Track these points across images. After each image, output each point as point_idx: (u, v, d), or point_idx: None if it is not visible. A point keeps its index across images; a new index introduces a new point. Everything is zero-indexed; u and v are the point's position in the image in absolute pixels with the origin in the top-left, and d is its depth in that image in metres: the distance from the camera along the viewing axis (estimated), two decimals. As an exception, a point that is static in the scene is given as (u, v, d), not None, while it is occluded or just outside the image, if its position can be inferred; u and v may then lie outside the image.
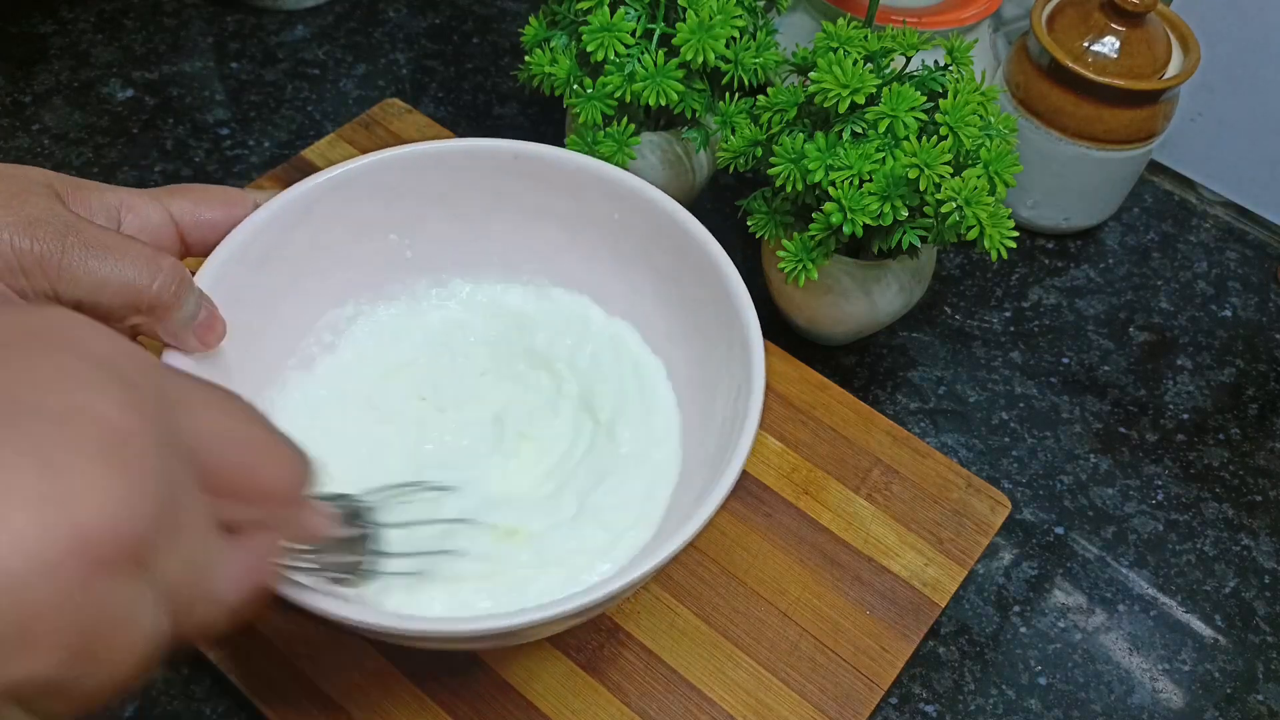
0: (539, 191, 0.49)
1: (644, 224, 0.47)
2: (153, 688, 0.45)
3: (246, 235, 0.43)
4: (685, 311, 0.47)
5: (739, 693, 0.45)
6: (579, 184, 0.48)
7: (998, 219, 0.45)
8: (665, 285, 0.48)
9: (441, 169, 0.48)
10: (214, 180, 0.64)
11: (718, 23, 0.50)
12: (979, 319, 0.62)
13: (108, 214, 0.38)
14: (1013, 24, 0.70)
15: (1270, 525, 0.54)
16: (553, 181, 0.48)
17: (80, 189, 0.38)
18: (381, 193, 0.48)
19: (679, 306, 0.48)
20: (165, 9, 0.73)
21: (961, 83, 0.48)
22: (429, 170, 0.48)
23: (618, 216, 0.48)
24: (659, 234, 0.47)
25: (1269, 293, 0.65)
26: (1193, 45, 0.60)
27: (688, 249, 0.46)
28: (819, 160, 0.47)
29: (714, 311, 0.45)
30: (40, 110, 0.66)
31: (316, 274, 0.47)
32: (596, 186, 0.48)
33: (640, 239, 0.48)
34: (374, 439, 0.47)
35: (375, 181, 0.47)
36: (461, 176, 0.48)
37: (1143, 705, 0.48)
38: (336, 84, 0.70)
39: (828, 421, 0.53)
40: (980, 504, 0.51)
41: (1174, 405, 0.59)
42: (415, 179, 0.48)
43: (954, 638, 0.50)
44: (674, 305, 0.48)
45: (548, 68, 0.53)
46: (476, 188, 0.49)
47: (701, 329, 0.46)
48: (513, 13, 0.76)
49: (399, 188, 0.48)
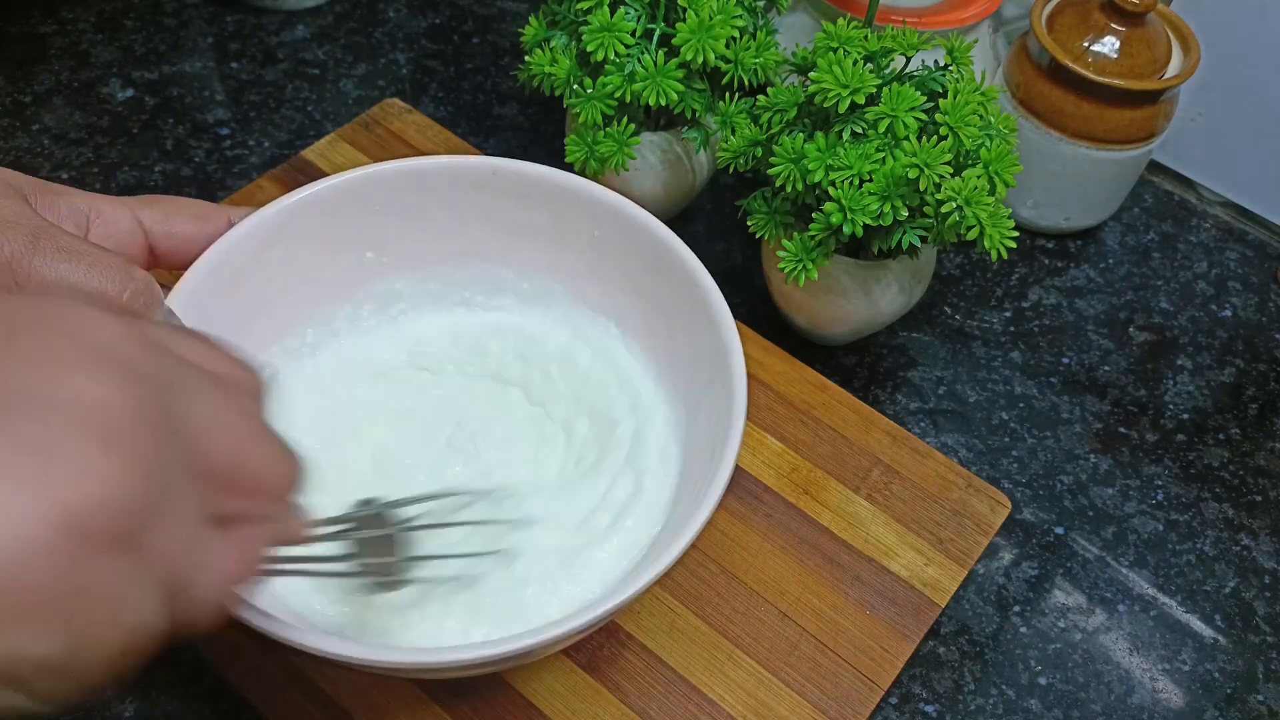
0: (518, 207, 0.48)
1: (622, 238, 0.47)
2: (153, 687, 0.45)
3: (220, 254, 0.42)
4: (665, 320, 0.47)
5: (739, 693, 0.45)
6: (558, 200, 0.48)
7: (998, 219, 0.45)
8: (644, 296, 0.48)
9: (420, 186, 0.48)
10: (214, 180, 0.64)
11: (718, 23, 0.50)
12: (979, 319, 0.62)
13: (76, 219, 0.38)
14: (1013, 24, 0.70)
15: (1270, 525, 0.54)
16: (531, 197, 0.48)
17: (48, 193, 0.37)
18: (358, 210, 0.47)
19: (659, 314, 0.48)
20: (165, 9, 0.73)
21: (961, 83, 0.48)
22: (406, 187, 0.47)
23: (597, 233, 0.48)
24: (638, 248, 0.47)
25: (1269, 293, 0.65)
26: (1193, 45, 0.60)
27: (668, 263, 0.46)
28: (819, 160, 0.47)
29: (691, 316, 0.45)
30: (40, 110, 0.66)
31: (291, 291, 0.47)
32: (576, 202, 0.47)
33: (620, 253, 0.48)
34: (353, 452, 0.47)
35: (352, 199, 0.47)
36: (440, 192, 0.48)
37: (1143, 705, 0.48)
38: (336, 84, 0.70)
39: (828, 421, 0.53)
40: (980, 504, 0.51)
41: (1174, 405, 0.59)
42: (392, 196, 0.47)
43: (954, 638, 0.50)
44: (654, 313, 0.48)
45: (548, 68, 0.53)
46: (455, 203, 0.48)
47: (681, 333, 0.46)
48: (513, 13, 0.76)
49: (375, 205, 0.47)
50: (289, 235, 0.45)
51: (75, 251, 0.35)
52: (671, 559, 0.36)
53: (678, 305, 0.46)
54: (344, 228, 0.47)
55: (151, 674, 0.46)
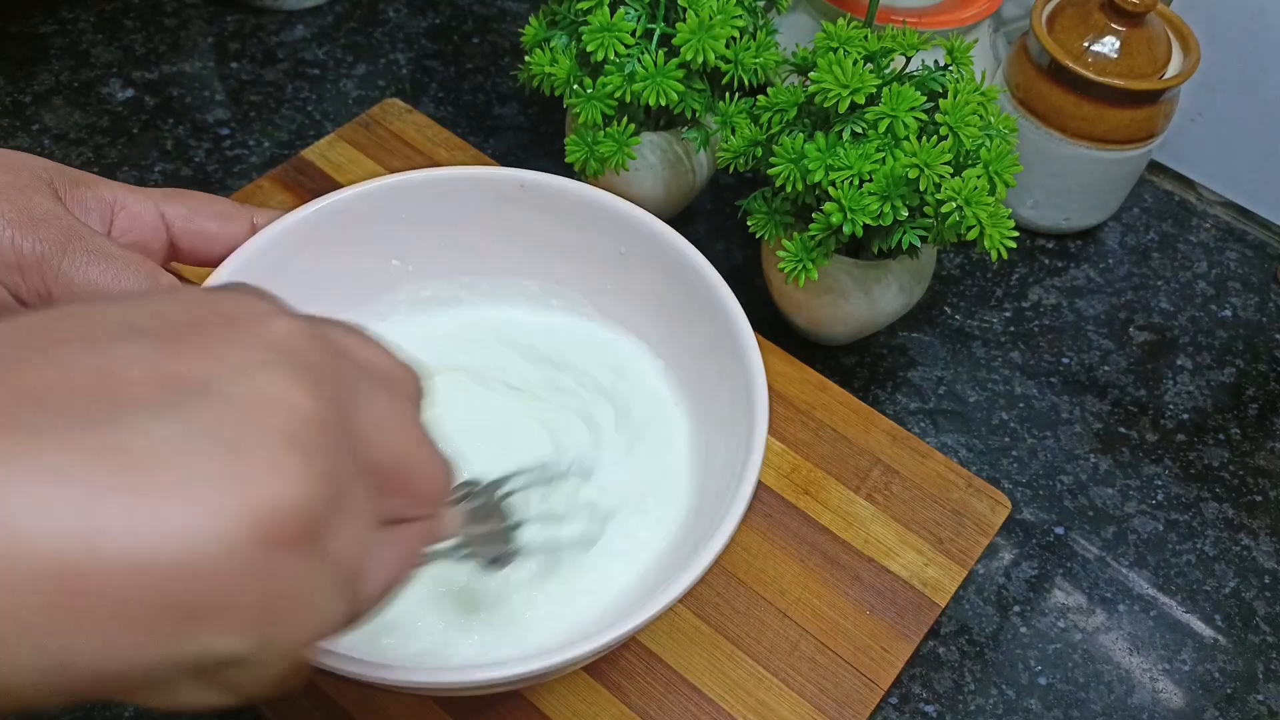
0: (544, 221, 0.48)
1: (649, 256, 0.47)
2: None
3: (245, 259, 0.42)
4: (689, 341, 0.47)
5: (739, 693, 0.45)
6: (586, 215, 0.48)
7: (998, 219, 0.45)
8: (669, 315, 0.48)
9: (447, 196, 0.48)
10: (214, 180, 0.64)
11: (718, 23, 0.50)
12: (979, 319, 0.62)
13: (101, 210, 0.38)
14: (1013, 24, 0.70)
15: (1270, 525, 0.54)
16: (558, 211, 0.48)
17: (78, 184, 0.38)
18: (384, 218, 0.47)
19: (683, 334, 0.48)
20: (165, 9, 0.73)
21: (961, 83, 0.48)
22: (433, 197, 0.48)
23: (624, 249, 0.48)
24: (665, 267, 0.47)
25: (1269, 293, 0.65)
26: (1193, 45, 0.60)
27: (694, 284, 0.45)
28: (819, 160, 0.47)
29: (717, 341, 0.45)
30: (40, 110, 0.66)
31: (316, 298, 0.47)
32: (604, 219, 0.47)
33: (647, 271, 0.48)
34: None
35: (378, 207, 0.47)
36: (467, 203, 0.48)
37: (1143, 705, 0.48)
38: (336, 84, 0.70)
39: (828, 421, 0.53)
40: (980, 504, 0.51)
41: (1174, 405, 0.59)
42: (419, 205, 0.48)
43: (954, 638, 0.50)
44: (678, 333, 0.48)
45: (548, 68, 0.53)
46: (482, 214, 0.49)
47: (708, 359, 0.46)
48: (513, 13, 0.76)
49: (401, 213, 0.48)
50: (316, 241, 0.46)
51: (104, 254, 0.35)
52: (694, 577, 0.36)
53: (703, 327, 0.45)
54: (370, 235, 0.48)
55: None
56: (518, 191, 0.47)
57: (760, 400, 0.41)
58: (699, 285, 0.45)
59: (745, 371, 0.42)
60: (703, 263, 0.45)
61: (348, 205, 0.46)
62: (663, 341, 0.49)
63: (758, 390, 0.41)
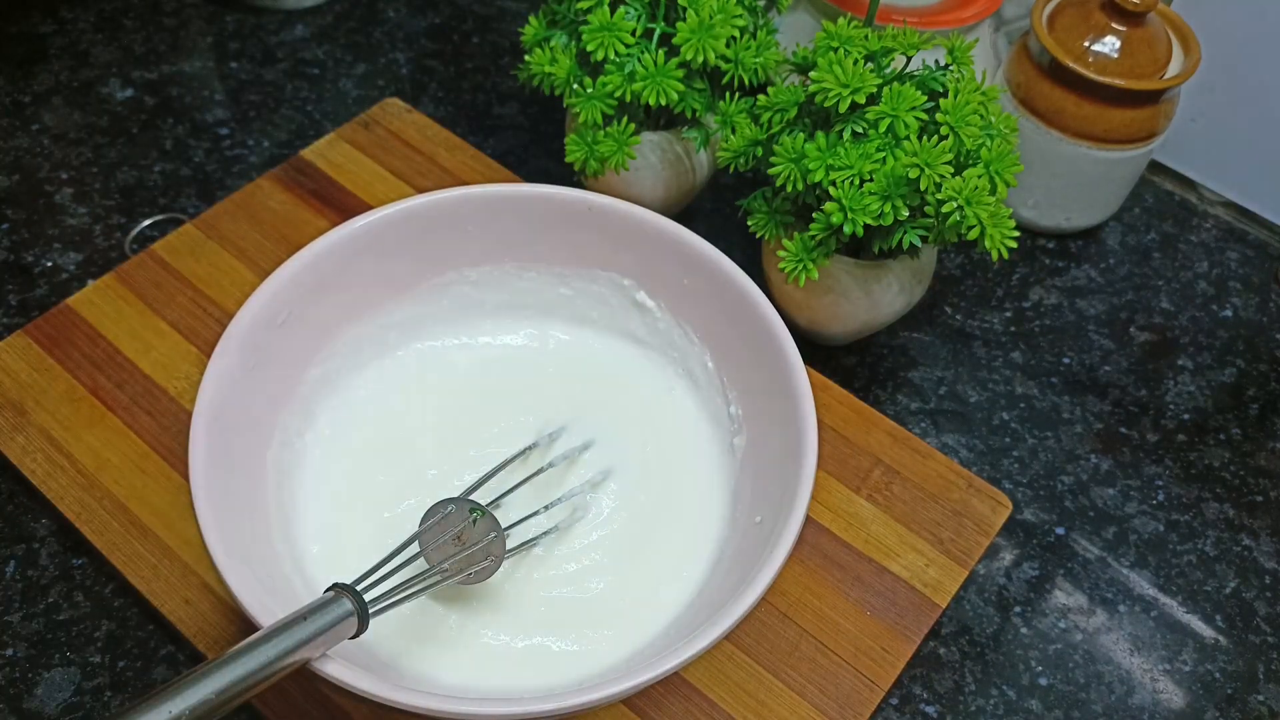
0: (607, 244, 0.50)
1: (710, 291, 0.48)
2: (151, 688, 0.45)
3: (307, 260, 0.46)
4: (744, 379, 0.48)
5: (739, 693, 0.45)
6: (651, 243, 0.49)
7: (998, 219, 0.45)
8: (724, 349, 0.49)
9: (513, 213, 0.50)
10: (213, 180, 0.64)
11: (718, 22, 0.50)
12: (979, 319, 0.62)
13: None
14: (1013, 24, 0.70)
15: (1271, 525, 0.54)
16: (621, 238, 0.49)
17: None
18: (446, 231, 0.50)
19: (737, 370, 0.49)
20: (165, 9, 0.73)
21: (962, 82, 0.47)
22: (503, 212, 0.50)
23: (687, 281, 0.49)
24: (724, 305, 0.48)
25: (1269, 293, 0.65)
26: (1193, 45, 0.60)
27: (755, 327, 0.46)
28: (819, 160, 0.47)
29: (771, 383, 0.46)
30: (40, 110, 0.66)
31: (373, 303, 0.50)
32: (668, 249, 0.49)
33: (705, 304, 0.49)
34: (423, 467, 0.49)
35: (441, 220, 0.49)
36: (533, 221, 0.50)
37: (1143, 706, 0.48)
38: (336, 84, 0.70)
39: (828, 421, 0.53)
40: (981, 504, 0.51)
41: (1175, 405, 0.59)
42: (485, 219, 0.50)
43: (955, 638, 0.50)
44: (731, 368, 0.49)
45: (548, 67, 0.53)
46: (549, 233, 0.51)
47: (761, 396, 0.47)
48: (513, 13, 0.76)
49: (468, 225, 0.50)
50: (380, 246, 0.48)
51: None
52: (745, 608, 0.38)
53: (758, 368, 0.46)
54: (434, 245, 0.50)
55: (150, 674, 0.46)
56: (586, 213, 0.49)
57: (808, 470, 0.42)
58: (760, 329, 0.46)
59: (799, 436, 0.43)
60: (767, 307, 0.46)
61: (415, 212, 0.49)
62: (713, 372, 0.50)
63: (807, 458, 0.42)
